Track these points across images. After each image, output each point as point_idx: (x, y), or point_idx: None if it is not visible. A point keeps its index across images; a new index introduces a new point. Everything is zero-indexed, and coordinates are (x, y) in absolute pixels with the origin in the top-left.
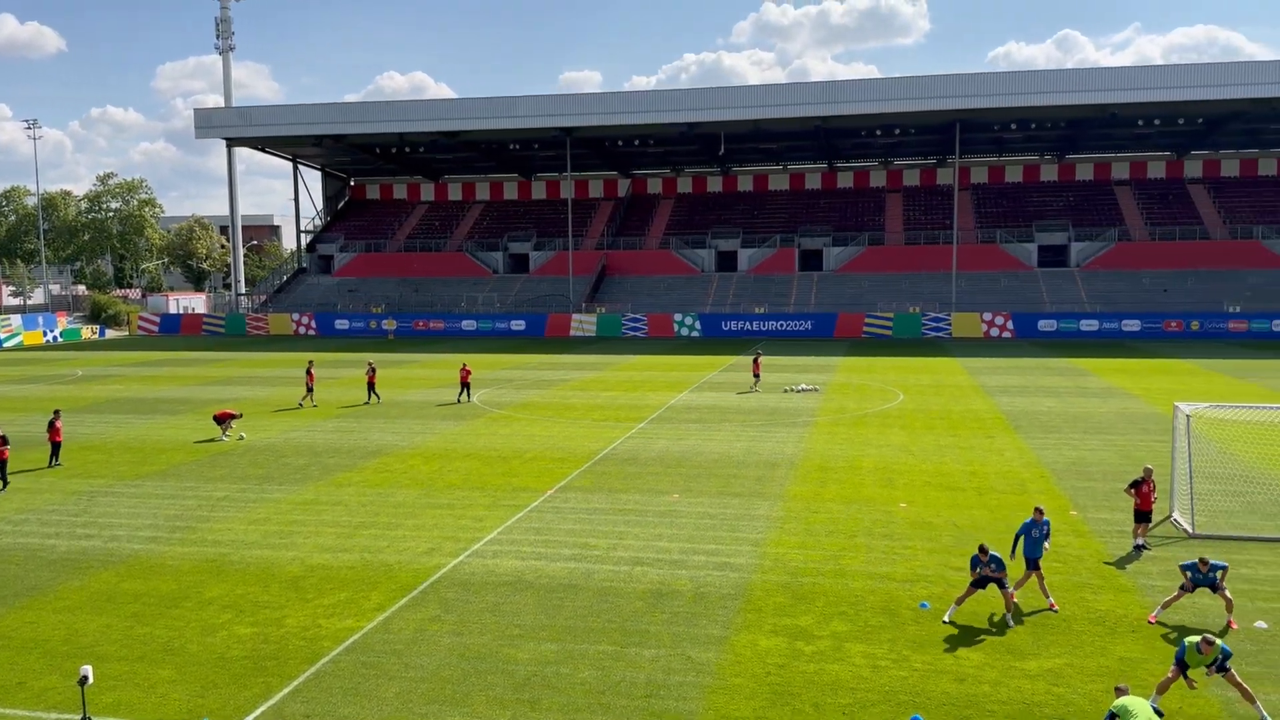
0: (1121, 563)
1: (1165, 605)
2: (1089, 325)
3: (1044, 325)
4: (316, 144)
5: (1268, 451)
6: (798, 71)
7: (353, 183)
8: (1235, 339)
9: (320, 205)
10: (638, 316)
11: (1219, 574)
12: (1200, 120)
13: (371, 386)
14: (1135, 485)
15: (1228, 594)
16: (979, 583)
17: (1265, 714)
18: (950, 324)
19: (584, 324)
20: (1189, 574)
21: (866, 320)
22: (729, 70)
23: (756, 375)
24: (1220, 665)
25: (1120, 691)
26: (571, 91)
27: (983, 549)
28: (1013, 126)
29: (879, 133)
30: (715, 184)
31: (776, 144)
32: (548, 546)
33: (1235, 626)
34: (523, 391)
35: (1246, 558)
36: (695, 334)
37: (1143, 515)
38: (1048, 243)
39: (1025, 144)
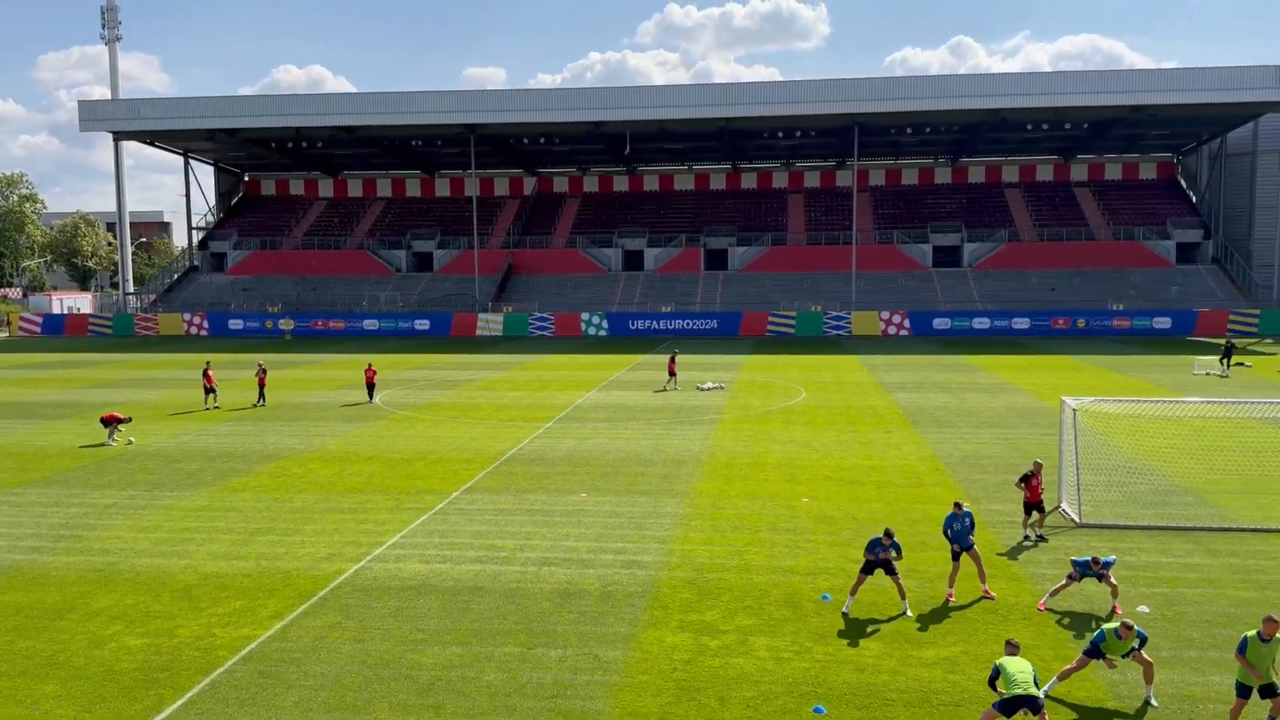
0: (1013, 553)
1: (1053, 593)
2: (981, 323)
3: (939, 323)
4: (209, 138)
5: (1147, 443)
6: (702, 73)
7: (247, 178)
8: (1118, 335)
9: (213, 201)
10: (545, 316)
11: (1108, 569)
12: (1085, 125)
13: (262, 388)
14: (1025, 479)
15: (1113, 581)
16: (868, 568)
17: (1152, 697)
18: (850, 322)
19: (490, 323)
20: (1078, 569)
21: (770, 319)
22: (634, 70)
23: (672, 374)
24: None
25: (1011, 648)
26: (475, 88)
27: (888, 533)
28: (908, 130)
29: (781, 134)
30: (622, 183)
31: (682, 144)
32: (453, 549)
33: (1120, 611)
34: (427, 392)
35: (1129, 545)
36: (603, 333)
37: (1031, 507)
38: (942, 244)
39: (921, 147)
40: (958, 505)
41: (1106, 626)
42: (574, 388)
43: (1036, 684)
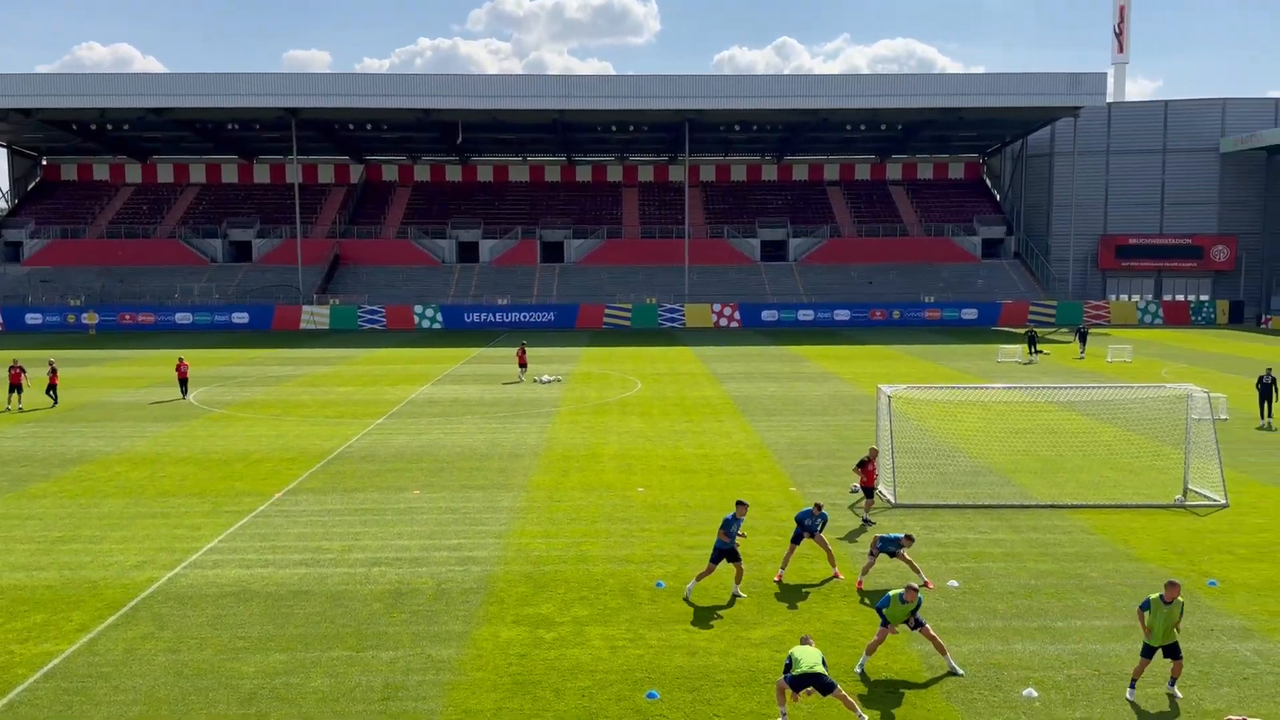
0: (834, 532)
1: (865, 571)
2: (806, 315)
3: (767, 315)
4: (2, 119)
5: (956, 427)
6: (535, 64)
7: (45, 162)
8: (930, 326)
9: (7, 187)
10: (375, 308)
11: (900, 547)
12: (900, 126)
13: (53, 387)
14: (862, 464)
15: (907, 557)
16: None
17: (955, 664)
18: (684, 314)
19: (316, 316)
20: (878, 544)
21: (606, 311)
22: (466, 58)
23: (523, 365)
24: (916, 620)
25: (804, 641)
26: (298, 71)
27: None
28: (736, 128)
29: (615, 129)
30: (454, 173)
31: (516, 135)
32: (276, 553)
33: (932, 586)
34: (247, 389)
35: (940, 523)
36: (437, 326)
37: (869, 491)
38: (769, 238)
39: (749, 145)
40: (818, 506)
41: (892, 592)
42: (407, 382)
43: (825, 666)
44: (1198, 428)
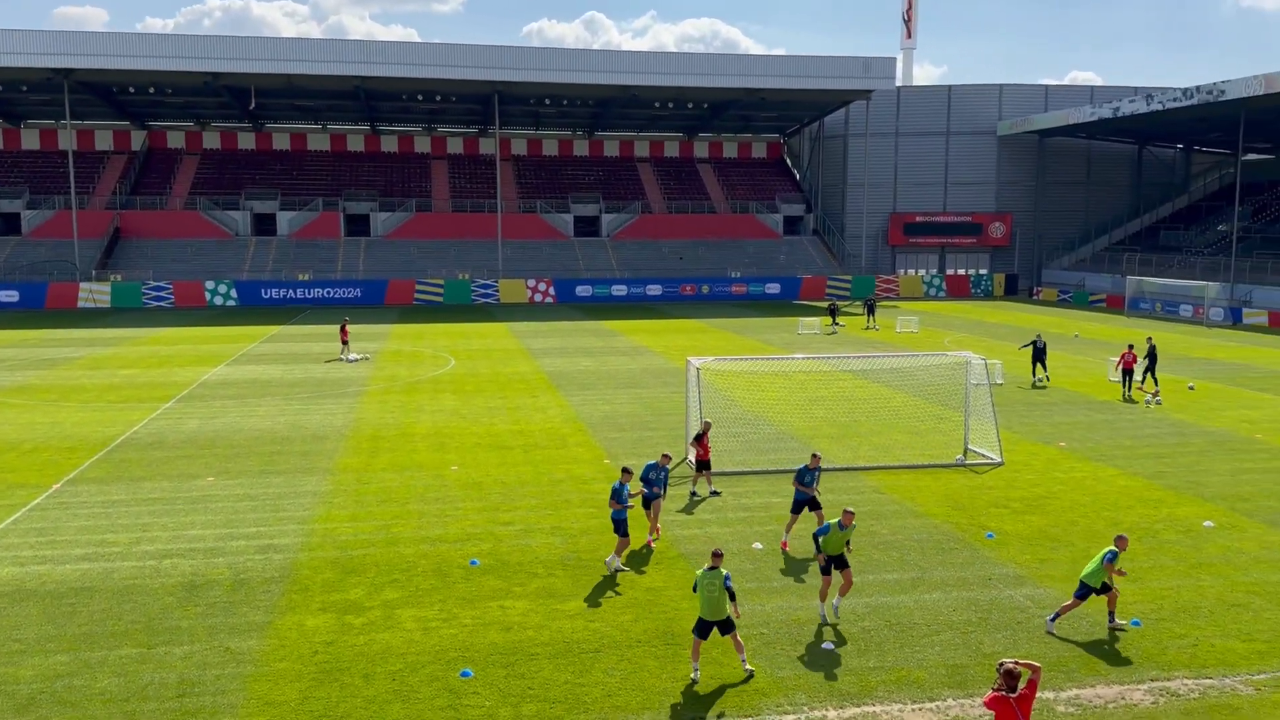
0: (675, 504)
1: (789, 527)
2: (619, 290)
3: (581, 291)
4: None
5: (760, 397)
6: (334, 28)
7: None
8: (737, 300)
9: None
10: (162, 285)
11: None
12: (706, 105)
13: None
14: (698, 438)
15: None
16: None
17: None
18: (498, 290)
19: (95, 294)
20: (799, 481)
21: (417, 287)
22: (259, 20)
23: (345, 342)
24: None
25: (715, 558)
26: (70, 29)
27: (815, 457)
28: (547, 102)
29: (421, 98)
30: (248, 141)
31: (314, 102)
32: (54, 548)
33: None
34: (18, 373)
35: (746, 489)
36: (232, 303)
37: (704, 464)
38: (582, 214)
39: (560, 119)
40: (666, 456)
41: (830, 522)
42: (199, 363)
43: (732, 594)
44: (976, 392)
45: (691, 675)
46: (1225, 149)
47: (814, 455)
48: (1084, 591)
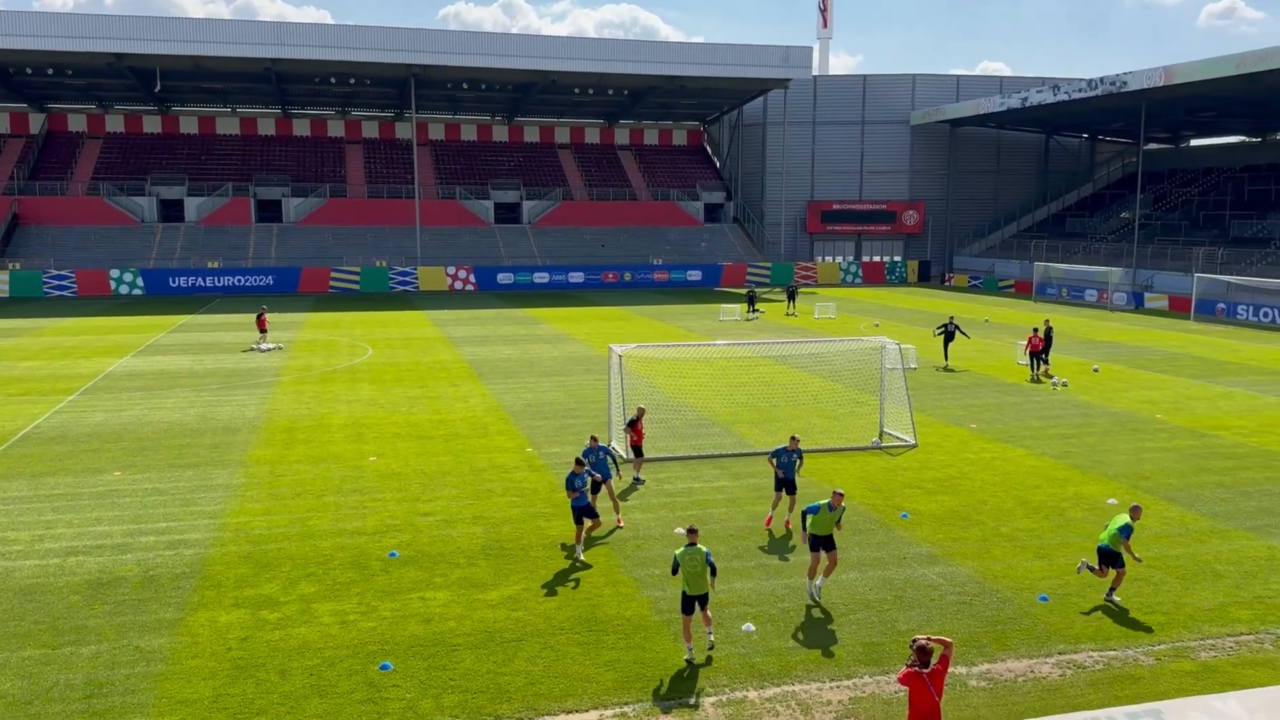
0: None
1: (775, 504)
2: (541, 277)
3: (502, 278)
4: None
5: (682, 383)
6: (244, 9)
7: None
8: (659, 287)
9: None
10: (64, 273)
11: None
12: (626, 92)
13: None
14: (632, 424)
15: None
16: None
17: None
18: (417, 278)
19: None
20: (774, 460)
21: (333, 275)
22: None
23: (263, 330)
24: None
25: (691, 534)
26: None
27: (793, 438)
28: (465, 86)
29: (334, 81)
30: (154, 124)
31: (223, 85)
32: None
33: (622, 525)
34: None
35: (669, 474)
36: (138, 292)
37: (637, 450)
38: (503, 200)
39: (479, 104)
40: (795, 439)
41: (820, 503)
42: (104, 354)
43: (713, 569)
44: (890, 376)
45: (686, 655)
46: (1128, 138)
47: (793, 438)
48: (1104, 556)
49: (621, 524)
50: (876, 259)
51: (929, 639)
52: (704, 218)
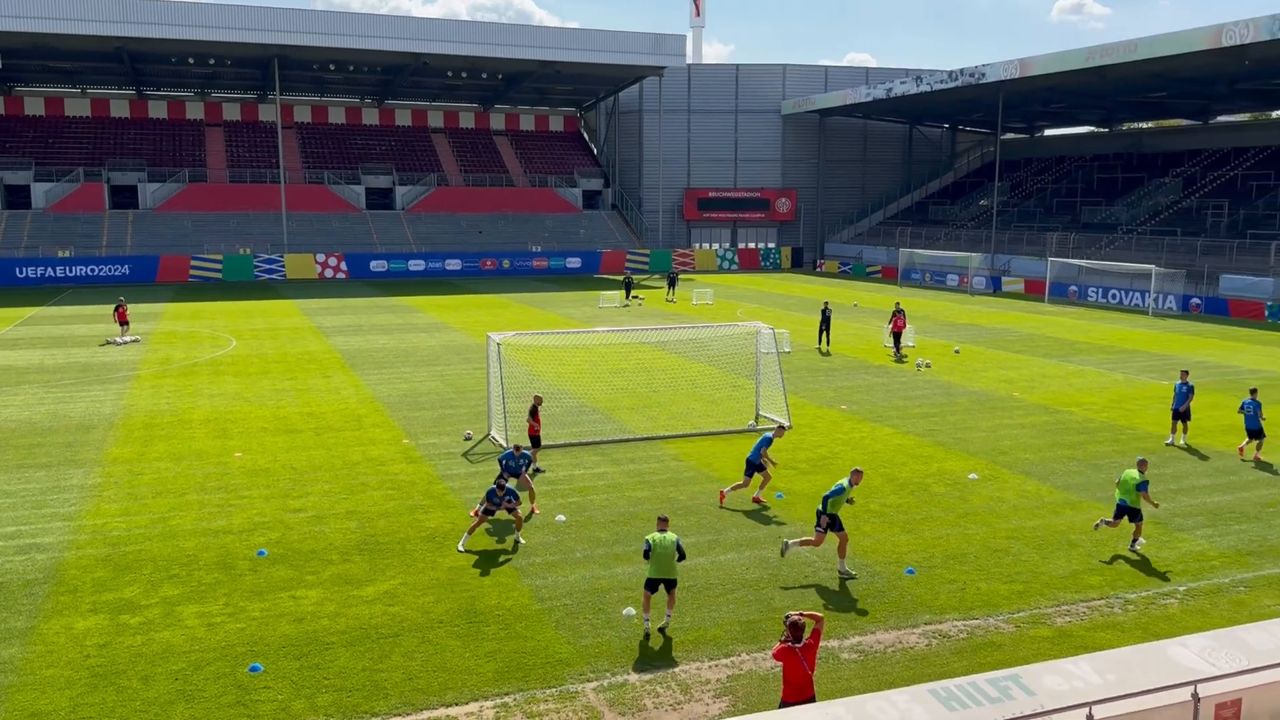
0: (450, 482)
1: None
2: (416, 265)
3: (376, 266)
4: None
5: (562, 370)
6: None
7: None
8: (538, 275)
9: None
10: None
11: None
12: (500, 76)
13: None
14: (533, 412)
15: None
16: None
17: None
18: (285, 266)
19: None
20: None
21: (193, 263)
22: None
23: (124, 323)
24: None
25: (661, 522)
26: None
27: (517, 447)
28: (332, 67)
29: (192, 61)
30: None
31: (72, 64)
32: None
33: (537, 511)
34: None
35: (549, 462)
36: None
37: (537, 440)
38: (374, 185)
39: (347, 86)
40: (518, 448)
41: (842, 483)
42: None
43: (680, 550)
44: (765, 360)
45: (644, 627)
46: (986, 129)
47: (780, 427)
48: (1121, 511)
49: (536, 510)
50: (752, 246)
51: (801, 615)
52: (582, 205)
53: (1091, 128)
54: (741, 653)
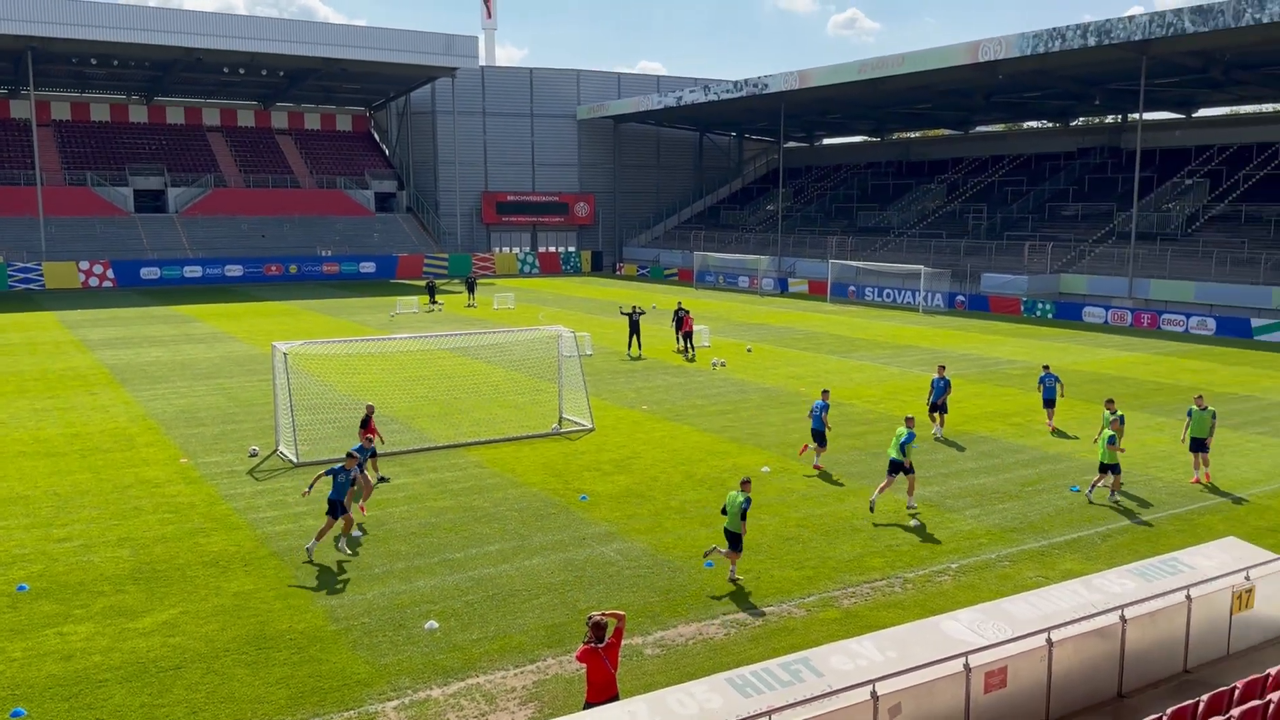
0: (234, 502)
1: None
2: (193, 271)
3: (147, 273)
4: None
5: (357, 379)
6: None
7: None
8: (329, 280)
9: None
10: None
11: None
12: (282, 73)
13: None
14: (365, 423)
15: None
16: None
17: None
18: (43, 275)
19: None
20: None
21: None
22: None
23: None
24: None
25: (745, 484)
26: None
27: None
28: (93, 61)
29: None
30: None
31: None
32: None
33: (365, 512)
34: None
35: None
36: None
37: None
38: (144, 187)
39: (112, 81)
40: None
41: (911, 430)
42: None
43: (743, 514)
44: (568, 363)
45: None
46: (770, 137)
47: (824, 391)
48: (1105, 466)
49: (365, 512)
50: (552, 249)
51: (603, 614)
52: (375, 207)
53: (865, 137)
54: (547, 657)
